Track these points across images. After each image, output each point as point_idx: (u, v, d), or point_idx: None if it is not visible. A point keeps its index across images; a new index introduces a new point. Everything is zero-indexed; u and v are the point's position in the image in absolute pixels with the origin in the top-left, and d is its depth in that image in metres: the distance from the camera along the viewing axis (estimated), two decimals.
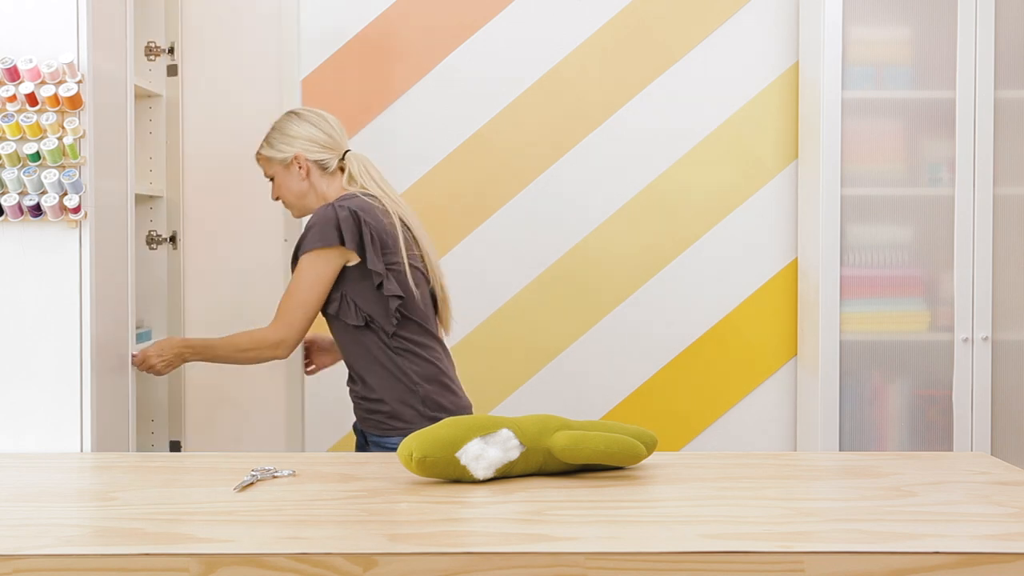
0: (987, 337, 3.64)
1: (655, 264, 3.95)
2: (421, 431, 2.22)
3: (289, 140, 2.99)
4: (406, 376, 2.86)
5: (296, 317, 2.85)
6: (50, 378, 2.62)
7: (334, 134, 3.01)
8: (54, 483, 2.29)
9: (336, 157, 3.00)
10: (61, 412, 2.62)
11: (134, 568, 1.74)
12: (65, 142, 2.56)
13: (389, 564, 1.73)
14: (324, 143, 2.99)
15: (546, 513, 2.00)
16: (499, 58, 3.91)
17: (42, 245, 2.61)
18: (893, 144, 3.69)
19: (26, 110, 2.56)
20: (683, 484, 2.23)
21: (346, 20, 3.89)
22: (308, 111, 3.05)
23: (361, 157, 3.02)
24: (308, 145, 2.98)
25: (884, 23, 3.67)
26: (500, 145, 3.93)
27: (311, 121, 3.01)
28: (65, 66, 2.57)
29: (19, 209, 2.57)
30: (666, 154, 3.94)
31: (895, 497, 2.12)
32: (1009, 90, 3.64)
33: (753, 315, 3.96)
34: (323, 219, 2.84)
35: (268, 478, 2.25)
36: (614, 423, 2.34)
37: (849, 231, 3.67)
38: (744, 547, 1.77)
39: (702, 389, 3.96)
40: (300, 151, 2.98)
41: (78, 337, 2.62)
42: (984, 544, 1.80)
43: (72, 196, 2.57)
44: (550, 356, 3.95)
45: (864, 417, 3.68)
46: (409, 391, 2.86)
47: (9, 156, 2.56)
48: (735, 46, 3.92)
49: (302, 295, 2.85)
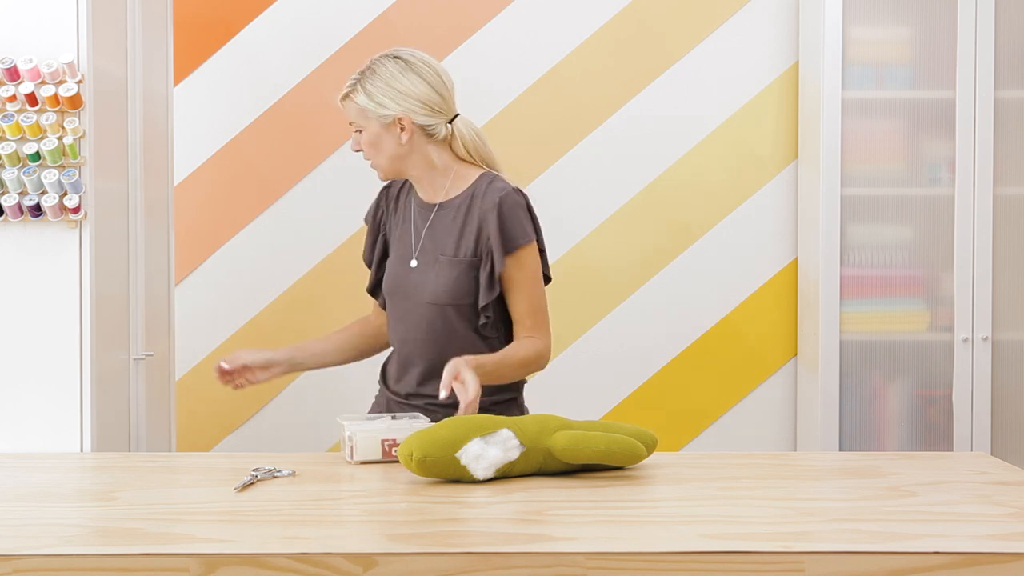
0: (987, 337, 3.64)
1: (655, 264, 3.95)
2: (421, 431, 2.22)
3: (395, 96, 2.50)
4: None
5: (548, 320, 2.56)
6: (50, 378, 2.62)
7: (447, 94, 2.56)
8: (54, 483, 2.29)
9: (445, 121, 2.55)
10: (61, 412, 2.62)
11: (134, 568, 1.74)
12: (65, 142, 2.56)
13: (389, 564, 1.73)
14: (436, 106, 2.53)
15: (546, 513, 2.00)
16: (499, 58, 3.91)
17: (42, 245, 2.61)
18: (893, 144, 3.69)
19: (26, 110, 2.57)
20: (683, 484, 2.23)
21: (346, 20, 3.89)
22: (418, 60, 2.54)
23: (471, 127, 2.60)
24: (417, 106, 2.51)
25: (884, 23, 3.67)
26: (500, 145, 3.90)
27: (423, 76, 2.52)
28: (65, 66, 2.57)
29: (19, 209, 2.57)
30: (666, 154, 3.94)
31: (895, 497, 2.12)
32: (1009, 90, 3.64)
33: (753, 315, 3.96)
34: (521, 206, 2.53)
35: (268, 478, 2.25)
36: (614, 423, 2.34)
37: (849, 231, 3.67)
38: (744, 547, 1.77)
39: (702, 389, 3.96)
40: (406, 112, 2.50)
41: (78, 337, 2.62)
42: (984, 544, 1.80)
43: (72, 196, 2.57)
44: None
45: (864, 417, 3.68)
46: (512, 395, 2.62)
47: (9, 156, 2.56)
48: (735, 46, 3.92)
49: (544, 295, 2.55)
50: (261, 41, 3.89)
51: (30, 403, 2.61)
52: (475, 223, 2.53)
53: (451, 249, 2.55)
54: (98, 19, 2.66)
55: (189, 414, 3.86)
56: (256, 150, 3.89)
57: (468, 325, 2.55)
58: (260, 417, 3.94)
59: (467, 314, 2.55)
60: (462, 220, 2.56)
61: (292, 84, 3.89)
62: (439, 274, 2.55)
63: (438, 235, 2.58)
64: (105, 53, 2.73)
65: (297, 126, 3.88)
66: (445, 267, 2.55)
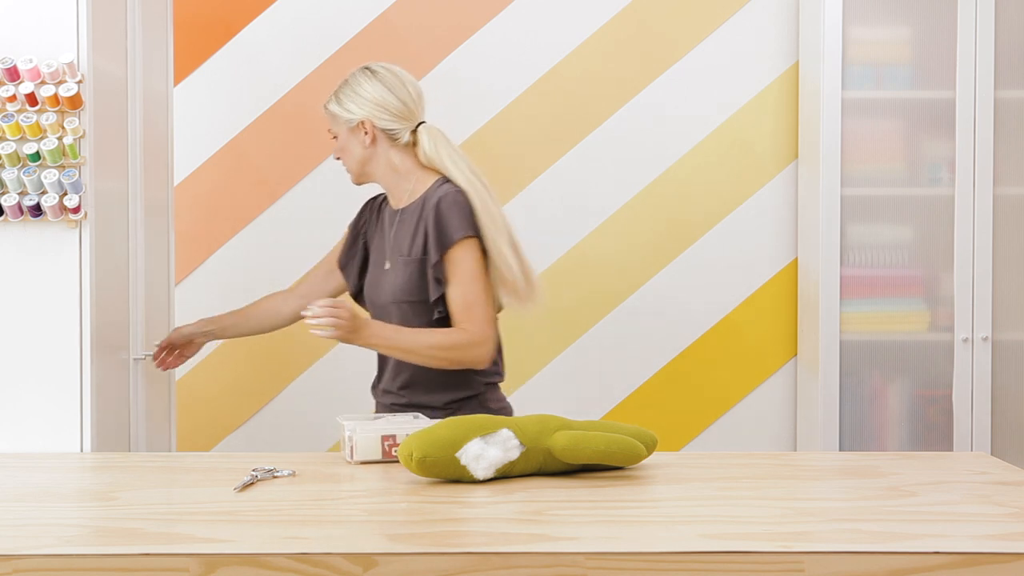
0: (987, 337, 3.64)
1: (655, 264, 3.95)
2: (421, 431, 2.22)
3: (358, 101, 2.68)
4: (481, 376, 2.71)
5: (488, 313, 2.62)
6: (50, 378, 2.62)
7: (409, 102, 2.69)
8: (54, 483, 2.29)
9: (409, 128, 2.70)
10: (61, 412, 2.62)
11: (134, 568, 1.74)
12: (65, 142, 2.56)
13: (389, 564, 1.73)
14: (396, 111, 2.68)
15: (546, 513, 2.00)
16: (499, 58, 3.91)
17: (42, 245, 2.61)
18: (893, 144, 3.69)
19: (26, 110, 2.56)
20: (683, 484, 2.23)
21: (346, 20, 3.89)
22: (386, 70, 2.71)
23: (435, 133, 2.71)
24: (378, 111, 2.67)
25: (884, 23, 3.67)
26: (500, 145, 3.92)
27: (386, 83, 2.68)
28: (65, 66, 2.57)
29: (19, 209, 2.57)
30: (666, 154, 3.94)
31: (895, 497, 2.12)
32: (1009, 90, 3.64)
33: (753, 315, 3.96)
34: (459, 204, 2.62)
35: (268, 478, 2.25)
36: (614, 423, 2.34)
37: (849, 231, 3.67)
38: (744, 547, 1.77)
39: (702, 389, 3.96)
40: (368, 116, 2.68)
41: (78, 337, 2.62)
42: (984, 544, 1.80)
43: (72, 196, 2.57)
44: (550, 356, 3.95)
45: (864, 417, 3.68)
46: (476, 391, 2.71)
47: (9, 156, 2.56)
48: (735, 46, 3.92)
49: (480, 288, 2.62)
50: (261, 41, 3.89)
51: (30, 403, 2.61)
52: (424, 223, 2.67)
53: (407, 249, 2.70)
54: (98, 19, 2.66)
55: (189, 414, 3.86)
56: (256, 150, 3.89)
57: (424, 320, 2.66)
58: (260, 417, 3.94)
59: (422, 310, 2.66)
60: (415, 222, 2.69)
61: (292, 84, 3.89)
62: (397, 274, 2.71)
63: (400, 238, 2.73)
64: (105, 53, 2.73)
65: (297, 126, 3.88)
66: (401, 267, 2.70)
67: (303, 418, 3.90)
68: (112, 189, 2.78)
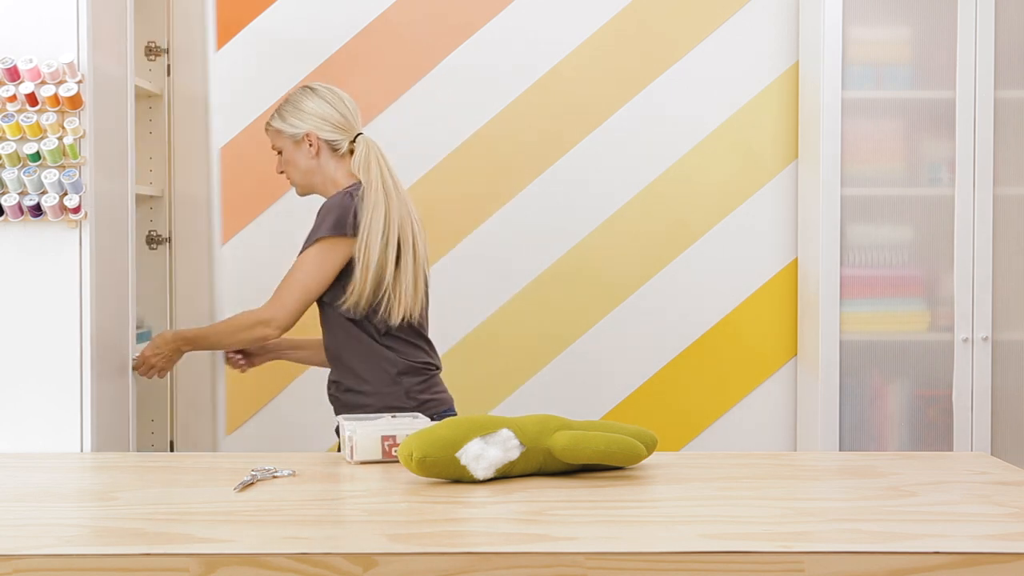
0: (987, 337, 3.64)
1: (655, 264, 3.95)
2: (421, 431, 2.22)
3: (302, 116, 2.91)
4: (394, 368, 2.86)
5: (292, 299, 2.83)
6: (50, 378, 2.62)
7: (348, 115, 2.94)
8: (54, 483, 2.29)
9: (348, 139, 2.93)
10: (61, 412, 2.62)
11: (134, 568, 1.74)
12: (65, 142, 2.56)
13: (389, 564, 1.73)
14: (337, 123, 2.92)
15: (546, 513, 2.00)
16: (499, 58, 3.91)
17: (42, 245, 2.61)
18: (893, 144, 3.69)
19: (26, 110, 2.57)
20: (683, 484, 2.23)
21: (346, 20, 3.89)
22: (324, 88, 2.96)
23: (371, 144, 2.93)
24: (320, 124, 2.91)
25: (884, 23, 3.67)
26: (500, 145, 3.92)
27: (326, 99, 2.93)
28: (65, 66, 2.57)
29: (19, 209, 2.57)
30: (666, 154, 3.94)
31: (895, 497, 2.12)
32: (1009, 90, 3.64)
33: (753, 315, 3.96)
34: (341, 207, 2.82)
35: (268, 478, 2.25)
36: (614, 423, 2.34)
37: (849, 231, 3.67)
38: (744, 547, 1.77)
39: (702, 389, 3.96)
40: (312, 129, 2.90)
41: (78, 337, 2.62)
42: (984, 544, 1.80)
43: (72, 196, 2.57)
44: (550, 356, 3.95)
45: (864, 417, 3.68)
46: (394, 383, 2.86)
47: (9, 156, 2.56)
48: (735, 46, 3.92)
49: (304, 279, 2.83)
50: (260, 42, 3.88)
51: (30, 403, 2.61)
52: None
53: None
54: (98, 19, 2.66)
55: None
56: (256, 150, 3.89)
57: (331, 314, 2.89)
58: (260, 417, 3.94)
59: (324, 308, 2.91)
60: None
61: (291, 84, 3.88)
62: None
63: None
64: (105, 53, 2.72)
65: None
66: None
67: (303, 418, 3.90)
68: (112, 189, 2.78)
